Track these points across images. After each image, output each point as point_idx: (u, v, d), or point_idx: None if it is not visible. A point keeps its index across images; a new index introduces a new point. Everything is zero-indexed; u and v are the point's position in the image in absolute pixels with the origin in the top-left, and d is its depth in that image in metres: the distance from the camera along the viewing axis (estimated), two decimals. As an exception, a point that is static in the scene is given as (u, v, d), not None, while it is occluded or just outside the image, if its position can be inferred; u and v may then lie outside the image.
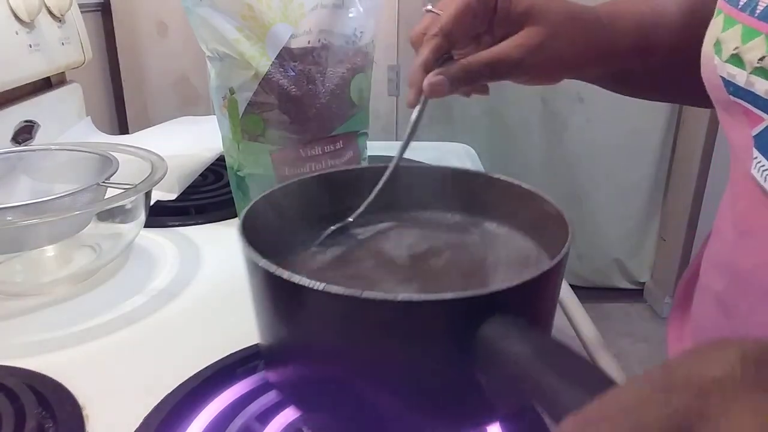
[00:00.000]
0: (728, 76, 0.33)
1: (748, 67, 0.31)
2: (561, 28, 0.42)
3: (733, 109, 0.34)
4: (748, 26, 0.31)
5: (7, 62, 0.82)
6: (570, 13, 0.43)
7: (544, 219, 0.42)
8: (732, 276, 0.36)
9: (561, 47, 0.42)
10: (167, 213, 0.74)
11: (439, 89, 0.41)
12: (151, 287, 0.59)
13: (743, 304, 0.35)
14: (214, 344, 0.47)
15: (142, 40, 1.53)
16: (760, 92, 0.31)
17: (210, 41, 0.62)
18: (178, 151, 0.84)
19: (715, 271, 0.39)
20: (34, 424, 0.38)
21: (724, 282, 0.37)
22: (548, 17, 0.41)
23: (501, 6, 0.41)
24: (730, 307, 0.37)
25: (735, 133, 0.35)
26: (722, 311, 0.37)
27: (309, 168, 0.66)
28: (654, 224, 2.20)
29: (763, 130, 0.31)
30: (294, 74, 0.62)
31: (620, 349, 1.96)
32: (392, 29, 1.74)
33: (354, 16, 0.65)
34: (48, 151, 0.67)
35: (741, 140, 0.33)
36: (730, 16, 0.33)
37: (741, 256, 0.36)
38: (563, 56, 0.43)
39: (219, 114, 0.67)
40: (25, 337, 0.51)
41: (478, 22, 0.42)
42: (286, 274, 0.31)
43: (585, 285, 2.21)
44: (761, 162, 0.31)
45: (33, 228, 0.54)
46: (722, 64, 0.33)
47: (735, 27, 0.32)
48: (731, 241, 0.37)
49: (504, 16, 0.41)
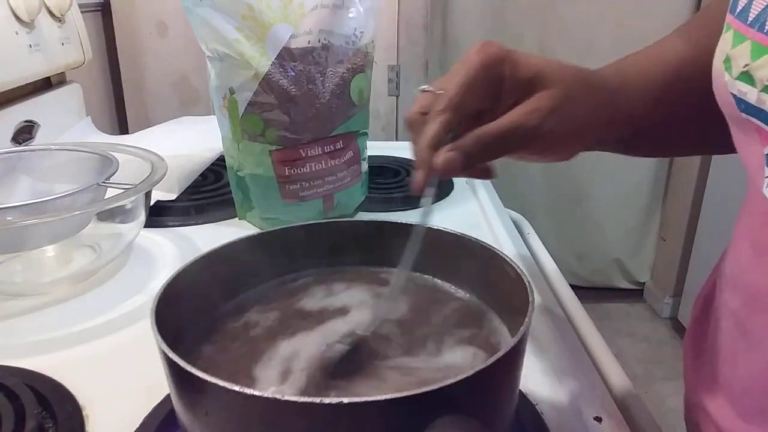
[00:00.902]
0: (739, 93, 0.32)
1: (758, 84, 0.30)
2: (573, 91, 0.39)
3: (745, 126, 0.33)
4: (758, 43, 0.30)
5: (7, 62, 0.82)
6: (580, 76, 0.40)
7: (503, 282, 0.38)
8: (749, 294, 0.35)
9: (576, 111, 0.39)
10: (167, 213, 0.74)
11: (453, 165, 0.36)
12: (151, 287, 0.59)
13: (759, 322, 0.34)
14: (214, 344, 0.47)
15: (142, 40, 1.53)
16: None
17: (210, 41, 0.62)
18: (178, 151, 0.84)
19: (731, 289, 0.38)
20: (34, 424, 0.38)
21: (741, 300, 0.36)
22: (559, 80, 0.38)
23: (509, 73, 0.38)
24: (746, 325, 0.36)
25: (748, 151, 0.33)
26: (738, 329, 0.36)
27: (309, 168, 0.66)
28: (654, 224, 2.20)
29: None
30: (294, 74, 0.62)
31: (620, 349, 1.96)
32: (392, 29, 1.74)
33: (354, 16, 0.65)
34: (48, 151, 0.67)
35: (754, 159, 0.32)
36: (739, 32, 0.32)
37: (757, 275, 0.34)
38: (579, 121, 0.39)
39: (219, 114, 0.67)
40: (25, 337, 0.51)
41: (487, 92, 0.38)
42: (199, 374, 0.27)
43: (585, 285, 2.22)
44: None
45: (33, 228, 0.54)
46: (732, 81, 0.32)
47: (745, 43, 0.31)
48: (747, 259, 0.36)
49: (513, 83, 0.38)
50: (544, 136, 0.37)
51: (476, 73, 0.37)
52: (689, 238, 2.03)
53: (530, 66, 0.38)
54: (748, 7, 0.31)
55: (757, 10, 0.31)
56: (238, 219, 0.73)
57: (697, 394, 0.43)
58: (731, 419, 0.37)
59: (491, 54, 0.37)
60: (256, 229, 0.71)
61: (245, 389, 0.26)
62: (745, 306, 0.35)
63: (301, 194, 0.67)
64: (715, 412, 0.39)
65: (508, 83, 0.38)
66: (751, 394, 0.35)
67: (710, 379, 0.41)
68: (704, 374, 0.42)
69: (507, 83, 0.38)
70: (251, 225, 0.72)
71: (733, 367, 0.38)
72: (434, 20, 1.89)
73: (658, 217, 2.20)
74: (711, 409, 0.40)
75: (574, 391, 0.45)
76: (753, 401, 0.35)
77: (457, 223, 0.75)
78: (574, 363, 0.48)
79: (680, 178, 2.08)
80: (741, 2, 0.32)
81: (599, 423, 0.42)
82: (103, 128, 1.11)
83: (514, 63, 0.38)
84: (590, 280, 2.24)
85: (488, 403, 0.30)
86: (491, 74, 0.37)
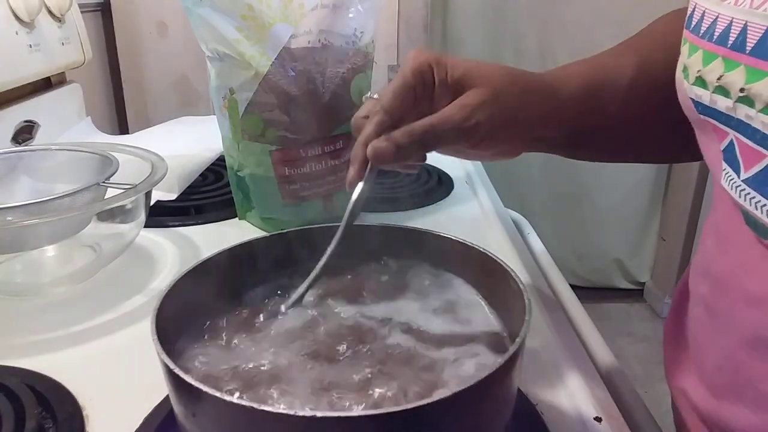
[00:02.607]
0: (696, 97, 0.36)
1: (710, 86, 0.34)
2: (501, 87, 0.42)
3: (703, 126, 0.36)
4: (707, 51, 0.34)
5: (7, 62, 0.82)
6: (508, 75, 0.43)
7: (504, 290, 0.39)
8: (713, 280, 0.38)
9: (503, 106, 0.42)
10: (167, 213, 0.74)
11: (384, 154, 0.40)
12: (151, 287, 0.59)
13: (725, 306, 0.37)
14: (214, 344, 0.47)
15: (142, 40, 1.53)
16: (722, 109, 0.33)
17: (210, 41, 0.62)
18: (178, 151, 0.84)
19: (700, 277, 0.41)
20: (34, 424, 0.38)
21: (708, 287, 0.39)
22: (486, 78, 0.42)
23: (437, 76, 0.42)
24: (714, 311, 0.39)
25: (708, 149, 0.37)
26: (708, 315, 0.39)
27: (309, 168, 0.66)
28: (654, 224, 2.20)
29: (728, 144, 0.34)
30: (294, 74, 0.62)
31: (620, 349, 1.96)
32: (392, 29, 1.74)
33: (354, 16, 0.65)
34: (48, 151, 0.67)
35: (713, 155, 0.36)
36: (693, 44, 0.36)
37: (720, 261, 0.38)
38: (508, 116, 0.42)
39: (219, 114, 0.67)
40: (25, 337, 0.51)
41: (419, 96, 0.42)
42: (188, 378, 0.28)
43: (585, 285, 2.22)
44: (728, 173, 0.34)
45: (33, 228, 0.54)
46: (690, 86, 0.36)
47: (697, 52, 0.35)
48: (712, 248, 0.39)
49: (443, 86, 0.42)
50: (473, 129, 0.41)
51: (406, 79, 0.41)
52: (689, 238, 2.03)
53: (457, 68, 0.42)
54: (700, 23, 0.36)
55: (707, 24, 0.35)
56: (238, 219, 0.73)
57: (675, 378, 0.46)
58: (706, 398, 0.40)
59: (421, 60, 0.42)
60: (256, 229, 0.71)
61: (225, 396, 0.27)
62: (712, 292, 0.39)
63: (301, 194, 0.67)
64: (692, 392, 0.42)
65: (439, 86, 0.42)
66: (722, 372, 0.38)
67: (686, 362, 0.44)
68: (681, 358, 0.45)
69: (437, 86, 0.42)
70: (251, 225, 0.72)
71: (705, 348, 0.40)
72: (434, 20, 1.89)
73: (658, 217, 2.20)
74: (689, 390, 0.43)
75: (574, 391, 0.45)
76: (724, 378, 0.38)
77: (457, 223, 0.75)
78: (574, 363, 0.48)
79: (680, 178, 2.08)
80: (695, 18, 0.37)
81: (599, 423, 0.42)
82: (103, 128, 1.11)
83: (442, 67, 0.42)
84: (590, 280, 2.24)
85: (478, 423, 0.30)
86: (421, 79, 0.42)
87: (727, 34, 0.33)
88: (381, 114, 0.41)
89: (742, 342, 0.35)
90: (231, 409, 0.27)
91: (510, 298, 0.37)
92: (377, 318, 0.40)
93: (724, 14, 0.33)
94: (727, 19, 0.33)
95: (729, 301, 0.36)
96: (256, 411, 0.26)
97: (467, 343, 0.37)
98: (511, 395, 0.34)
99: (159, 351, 0.30)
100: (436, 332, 0.38)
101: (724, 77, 0.32)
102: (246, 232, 0.70)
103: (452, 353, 0.36)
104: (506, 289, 0.38)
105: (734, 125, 0.33)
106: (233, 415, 0.27)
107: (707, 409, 0.40)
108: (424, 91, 0.42)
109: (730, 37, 0.32)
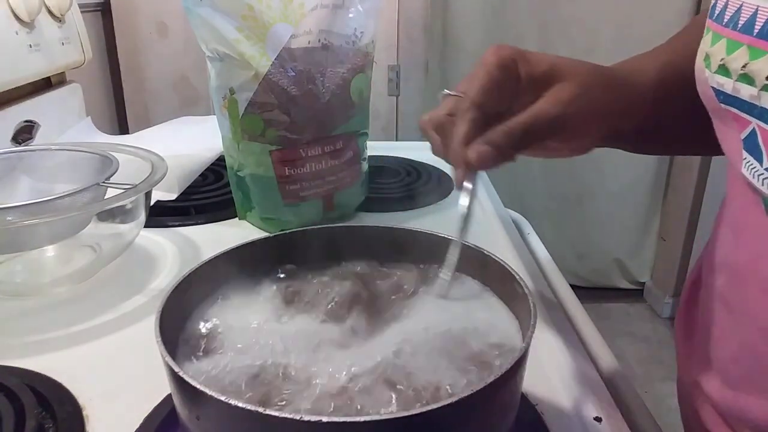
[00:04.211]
0: (717, 85, 0.35)
1: (733, 75, 0.34)
2: (587, 80, 0.41)
3: (724, 116, 0.36)
4: (732, 39, 0.34)
5: (7, 62, 0.82)
6: (592, 69, 0.43)
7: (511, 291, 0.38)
8: (730, 271, 0.39)
9: (593, 100, 0.41)
10: (167, 213, 0.74)
11: (486, 158, 0.39)
12: (151, 287, 0.59)
13: (742, 297, 0.37)
14: (214, 344, 0.47)
15: (142, 40, 1.53)
16: (745, 97, 0.33)
17: (210, 41, 0.62)
18: (178, 151, 0.83)
19: (715, 269, 0.41)
20: (34, 424, 0.38)
21: (724, 278, 0.39)
22: (573, 71, 0.41)
23: (523, 70, 0.41)
24: (730, 302, 0.39)
25: (727, 139, 0.37)
26: (724, 306, 0.39)
27: (309, 168, 0.66)
28: (654, 224, 2.20)
29: (750, 133, 0.34)
30: (294, 74, 0.62)
31: (620, 349, 1.96)
32: (392, 29, 1.74)
33: (354, 16, 0.65)
34: (48, 151, 0.67)
35: (732, 144, 0.36)
36: (716, 33, 0.36)
37: (737, 252, 0.38)
38: (597, 109, 0.42)
39: (219, 114, 0.67)
40: (25, 337, 0.51)
41: (506, 91, 0.41)
42: (191, 380, 0.28)
43: (585, 285, 2.21)
44: (750, 161, 0.34)
45: (33, 228, 0.54)
46: (712, 75, 0.36)
47: (721, 41, 0.35)
48: (728, 239, 0.39)
49: (529, 80, 0.41)
50: (566, 124, 0.40)
51: (494, 74, 0.40)
52: (689, 238, 2.03)
53: (542, 62, 0.41)
54: (723, 12, 0.36)
55: (731, 13, 0.35)
56: (238, 219, 0.73)
57: (689, 373, 0.46)
58: (722, 390, 0.40)
59: (506, 55, 0.40)
60: (256, 229, 0.71)
61: (230, 399, 0.27)
62: (729, 283, 0.39)
63: (301, 194, 0.67)
64: (707, 385, 0.42)
65: (525, 81, 0.41)
66: (739, 363, 0.38)
67: (701, 355, 0.44)
68: (695, 353, 0.45)
69: (523, 81, 0.41)
70: (251, 225, 0.72)
71: (722, 341, 0.40)
72: (434, 20, 1.89)
73: (658, 217, 2.20)
74: (703, 383, 0.43)
75: (574, 391, 0.45)
76: (741, 370, 0.38)
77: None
78: (574, 363, 0.48)
79: (680, 178, 2.08)
80: (718, 7, 0.36)
81: (599, 423, 0.42)
82: (103, 128, 1.11)
83: (527, 61, 0.41)
84: (590, 280, 2.24)
85: (484, 426, 0.30)
86: (508, 74, 0.40)
87: (753, 22, 0.33)
88: (474, 111, 0.40)
89: (760, 332, 0.35)
90: (236, 412, 0.27)
91: (515, 302, 0.37)
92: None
93: (748, 2, 0.33)
94: (752, 8, 0.33)
95: (747, 291, 0.37)
96: (260, 415, 0.26)
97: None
98: (516, 400, 0.34)
99: (163, 353, 0.30)
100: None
101: (750, 65, 0.32)
102: (246, 232, 0.70)
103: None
104: (511, 292, 0.38)
105: (757, 114, 0.33)
106: (238, 419, 0.28)
107: (723, 401, 0.40)
108: (510, 87, 0.41)
109: (756, 26, 0.32)
